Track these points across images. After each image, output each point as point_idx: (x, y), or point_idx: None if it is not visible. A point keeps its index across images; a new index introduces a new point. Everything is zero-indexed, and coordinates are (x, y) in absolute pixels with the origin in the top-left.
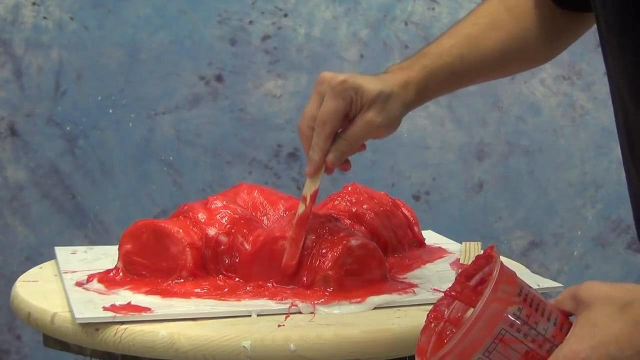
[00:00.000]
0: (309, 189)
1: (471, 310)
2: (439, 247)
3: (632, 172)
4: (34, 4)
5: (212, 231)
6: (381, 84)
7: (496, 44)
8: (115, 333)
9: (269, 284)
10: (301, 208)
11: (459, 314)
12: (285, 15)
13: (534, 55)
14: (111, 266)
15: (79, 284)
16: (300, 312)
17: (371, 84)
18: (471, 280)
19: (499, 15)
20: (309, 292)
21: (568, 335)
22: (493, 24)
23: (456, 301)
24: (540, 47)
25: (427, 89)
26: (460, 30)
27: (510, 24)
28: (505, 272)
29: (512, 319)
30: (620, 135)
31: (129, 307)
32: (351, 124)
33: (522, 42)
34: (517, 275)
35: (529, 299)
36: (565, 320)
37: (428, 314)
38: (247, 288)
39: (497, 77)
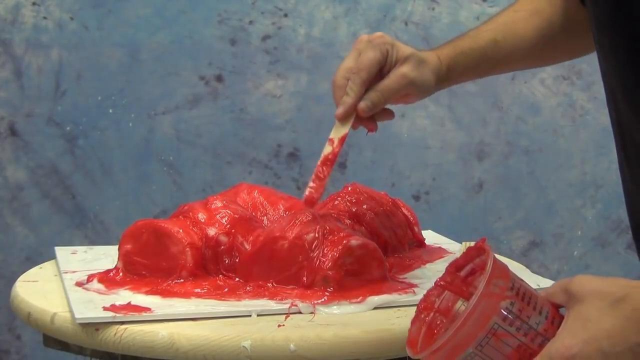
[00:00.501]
0: (337, 132)
1: (460, 300)
2: (439, 247)
3: (625, 170)
4: (34, 4)
5: (212, 231)
6: (415, 50)
7: (533, 30)
8: (115, 333)
9: (269, 284)
10: (327, 149)
11: (449, 304)
12: (285, 15)
13: (572, 45)
14: (111, 266)
15: (79, 284)
16: (300, 312)
17: (406, 47)
18: (461, 271)
19: (538, 3)
20: (309, 292)
21: (560, 329)
22: (533, 11)
23: (446, 291)
24: (579, 37)
25: (458, 65)
26: (499, 17)
27: (549, 12)
28: (498, 266)
29: (505, 313)
30: (614, 134)
31: (129, 307)
32: (386, 77)
33: (561, 30)
34: (509, 268)
35: (521, 293)
36: (556, 314)
37: (418, 304)
38: (247, 288)
39: (535, 65)
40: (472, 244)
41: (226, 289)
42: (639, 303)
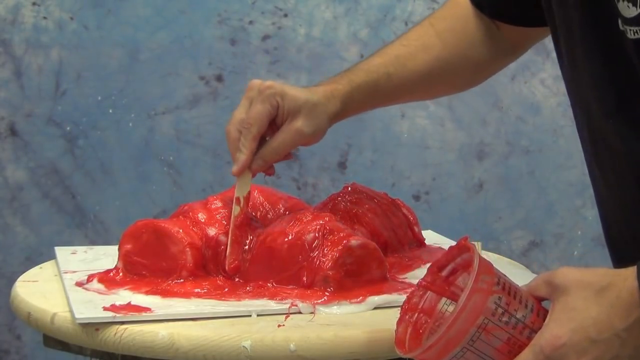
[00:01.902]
0: (241, 190)
1: (442, 300)
2: (439, 247)
3: (597, 179)
4: (34, 4)
5: (212, 231)
6: (308, 93)
7: (423, 65)
8: (115, 333)
9: (269, 284)
10: (236, 210)
11: (432, 304)
12: (285, 15)
13: (458, 80)
14: (111, 266)
15: (79, 284)
16: (300, 312)
17: (298, 92)
18: (443, 271)
19: (428, 39)
20: (309, 292)
21: (547, 320)
22: (422, 46)
23: (429, 292)
24: (465, 73)
25: (353, 101)
26: (389, 50)
27: (438, 48)
28: (483, 262)
29: (494, 307)
30: (584, 142)
31: (129, 307)
32: (279, 131)
33: (449, 66)
34: (493, 264)
35: (507, 288)
36: (540, 307)
37: (402, 306)
38: (247, 288)
39: (423, 98)
40: (478, 244)
41: (226, 289)
42: (622, 291)
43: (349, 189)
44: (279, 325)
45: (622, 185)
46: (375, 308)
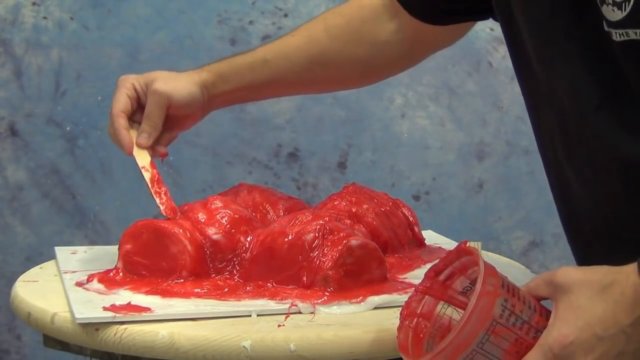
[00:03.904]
0: (143, 160)
1: (440, 304)
2: (439, 247)
3: (568, 178)
4: (34, 4)
5: (212, 231)
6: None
7: (305, 58)
8: (115, 333)
9: (269, 284)
10: (147, 175)
11: (431, 308)
12: (285, 15)
13: (342, 78)
14: (111, 266)
15: (79, 284)
16: (300, 312)
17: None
18: (440, 275)
19: (316, 33)
20: (309, 292)
21: (552, 319)
22: (308, 39)
23: (426, 296)
24: (352, 73)
25: (223, 75)
26: (278, 39)
27: (324, 43)
28: (488, 265)
29: (501, 310)
30: (551, 143)
31: (129, 307)
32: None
33: (333, 63)
34: (496, 267)
35: (511, 289)
36: (541, 306)
37: (401, 312)
38: (247, 288)
39: (308, 91)
40: (472, 244)
41: (226, 289)
42: (626, 287)
43: (349, 189)
44: (279, 325)
45: (600, 180)
46: (375, 308)
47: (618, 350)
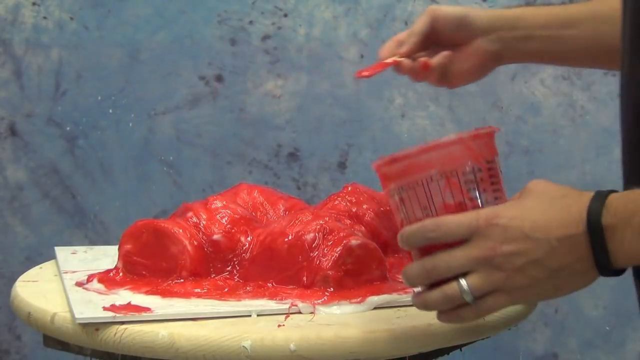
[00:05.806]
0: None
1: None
2: None
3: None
4: (34, 4)
5: (212, 231)
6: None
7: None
8: (115, 333)
9: (269, 284)
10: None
11: None
12: (285, 15)
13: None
14: (111, 266)
15: (79, 284)
16: (300, 312)
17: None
18: None
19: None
20: (309, 292)
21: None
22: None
23: None
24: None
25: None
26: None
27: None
28: (493, 146)
29: (468, 170)
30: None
31: (129, 307)
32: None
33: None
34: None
35: (493, 175)
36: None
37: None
38: (247, 288)
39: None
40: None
41: (226, 289)
42: (573, 205)
43: (349, 189)
44: (279, 325)
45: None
46: (375, 308)
47: (536, 257)
